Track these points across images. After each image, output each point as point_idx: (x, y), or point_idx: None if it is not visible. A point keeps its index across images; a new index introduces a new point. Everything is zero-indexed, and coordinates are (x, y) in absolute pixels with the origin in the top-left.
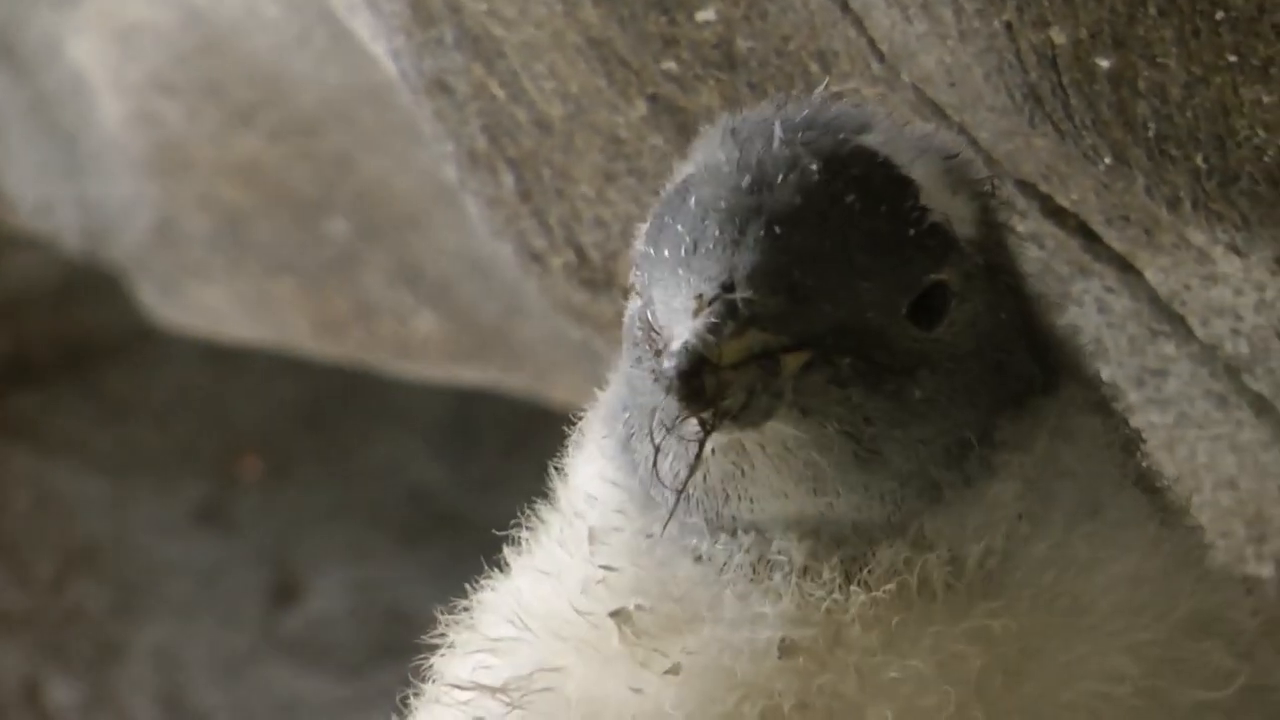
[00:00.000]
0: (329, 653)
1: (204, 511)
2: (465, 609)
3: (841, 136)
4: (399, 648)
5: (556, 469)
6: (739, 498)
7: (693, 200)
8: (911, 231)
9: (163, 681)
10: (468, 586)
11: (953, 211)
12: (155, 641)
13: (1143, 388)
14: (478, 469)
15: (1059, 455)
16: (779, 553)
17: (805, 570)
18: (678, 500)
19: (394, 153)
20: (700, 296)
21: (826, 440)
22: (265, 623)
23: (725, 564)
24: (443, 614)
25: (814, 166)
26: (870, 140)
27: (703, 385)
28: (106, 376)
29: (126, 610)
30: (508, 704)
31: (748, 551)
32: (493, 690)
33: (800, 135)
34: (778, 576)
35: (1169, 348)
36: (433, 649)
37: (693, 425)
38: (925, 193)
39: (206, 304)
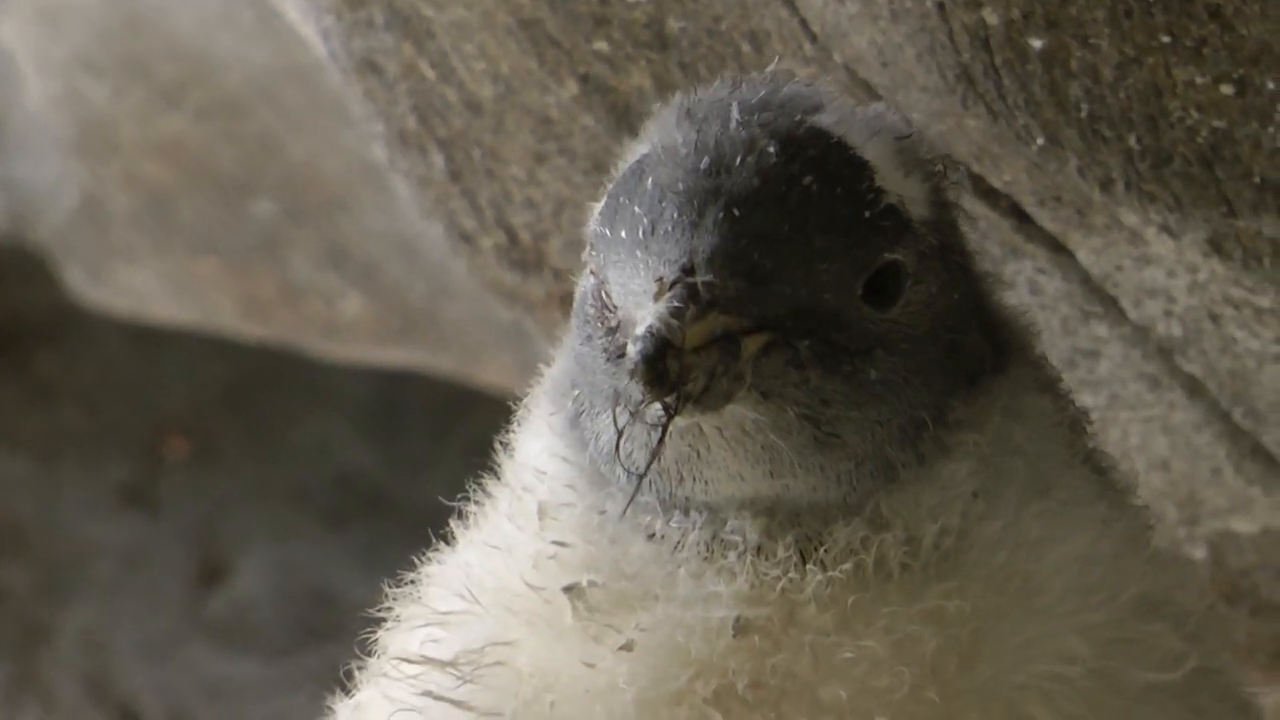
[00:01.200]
0: (255, 634)
1: (129, 493)
2: (411, 583)
3: (798, 118)
4: (325, 629)
5: (501, 444)
6: (694, 479)
7: (649, 181)
8: (867, 213)
9: (88, 663)
10: (395, 567)
11: (906, 192)
12: (81, 623)
13: (1075, 369)
14: (404, 451)
15: (1010, 434)
16: (733, 532)
17: (760, 549)
18: (639, 485)
19: (321, 133)
20: (661, 280)
21: (785, 424)
22: (191, 604)
23: (679, 542)
24: (388, 588)
25: (772, 148)
26: (823, 121)
27: (666, 369)
28: (32, 358)
29: (52, 592)
30: (458, 678)
31: (702, 530)
32: (443, 664)
33: (757, 116)
34: (732, 555)
35: (1101, 329)
36: (360, 630)
37: (656, 409)
38: (880, 174)
39: (132, 285)
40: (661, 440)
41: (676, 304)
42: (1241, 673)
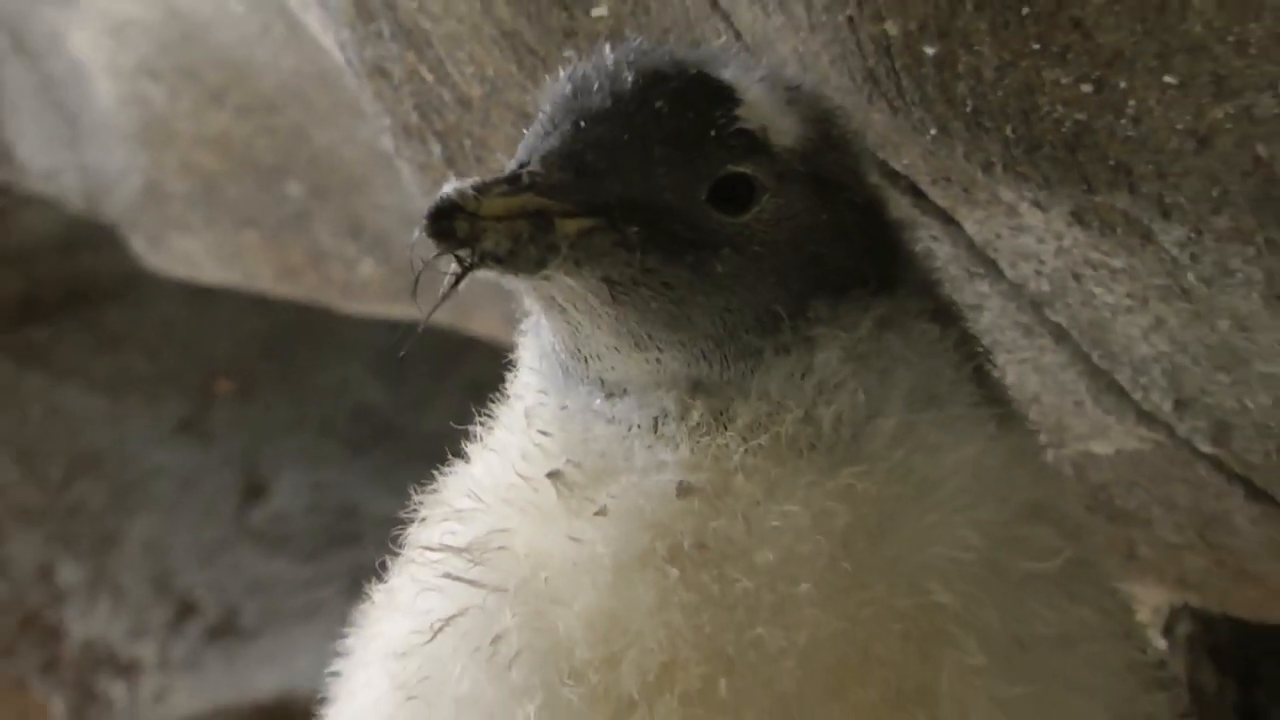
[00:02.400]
0: (289, 540)
1: (185, 424)
2: (434, 490)
3: (672, 57)
4: (347, 536)
5: (494, 365)
6: (593, 358)
7: (539, 114)
8: (713, 132)
9: (151, 565)
10: (403, 484)
11: (772, 123)
12: (145, 532)
13: (970, 322)
14: (410, 389)
15: (889, 344)
16: (660, 407)
17: (683, 418)
18: (424, 321)
19: (340, 127)
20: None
21: (610, 292)
22: (236, 516)
23: (629, 422)
24: (415, 494)
25: (628, 76)
26: (723, 71)
27: (453, 228)
28: (104, 313)
29: (121, 506)
30: (470, 561)
31: (641, 410)
32: (458, 551)
33: (630, 57)
34: (670, 426)
35: (984, 286)
36: (374, 535)
37: (450, 261)
38: (746, 106)
39: (186, 252)
40: (454, 286)
41: (484, 181)
42: (1108, 565)
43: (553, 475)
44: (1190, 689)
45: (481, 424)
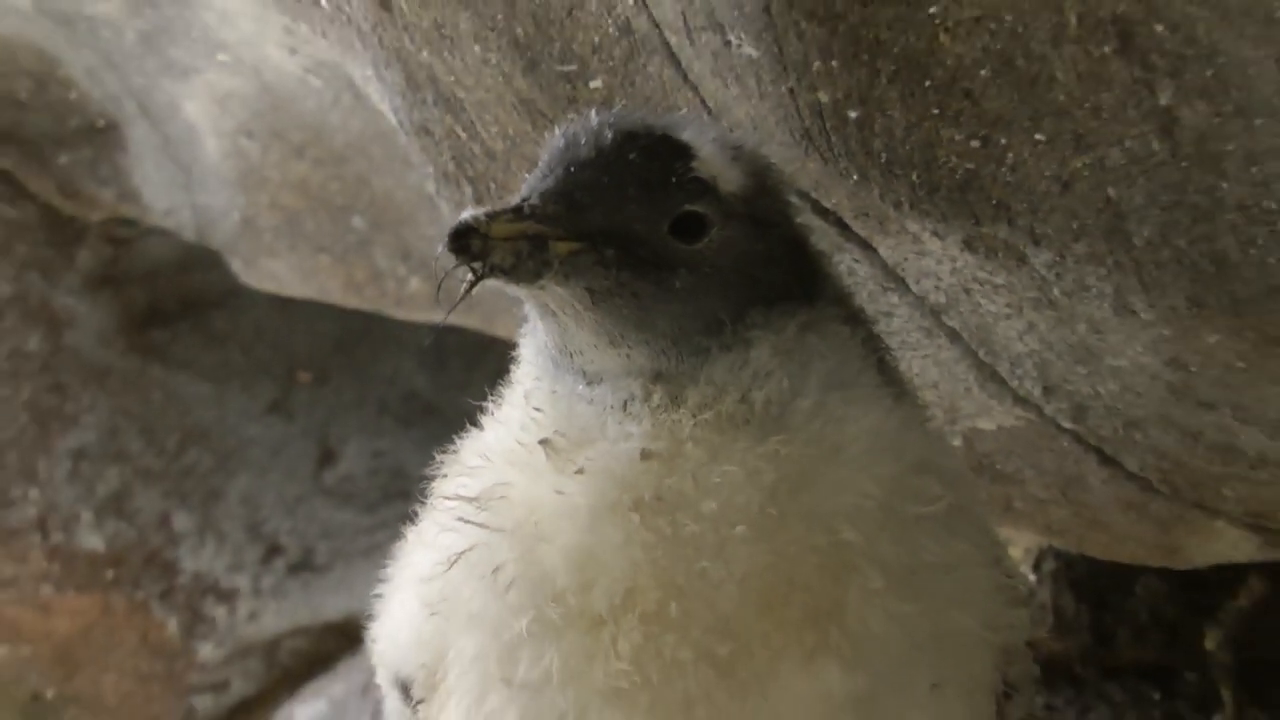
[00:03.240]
0: (354, 496)
1: (273, 406)
2: (453, 453)
3: (644, 121)
4: (398, 493)
5: (512, 359)
6: (578, 353)
7: (540, 161)
8: (674, 179)
9: (247, 515)
10: (442, 450)
11: (720, 174)
12: (241, 490)
13: (877, 325)
14: (448, 377)
15: (808, 342)
16: (628, 391)
17: (646, 401)
18: (445, 315)
19: (395, 174)
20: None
21: (591, 300)
22: (313, 477)
23: (604, 403)
24: (439, 456)
25: (609, 134)
26: (681, 132)
27: (468, 245)
28: (210, 319)
29: (223, 469)
30: (479, 508)
31: (614, 393)
32: (470, 500)
33: (611, 119)
34: (636, 406)
35: (894, 298)
36: (419, 492)
37: (466, 271)
38: (700, 160)
39: (273, 272)
40: (467, 292)
41: (494, 210)
42: (986, 512)
43: (544, 442)
44: (1054, 612)
45: (493, 402)
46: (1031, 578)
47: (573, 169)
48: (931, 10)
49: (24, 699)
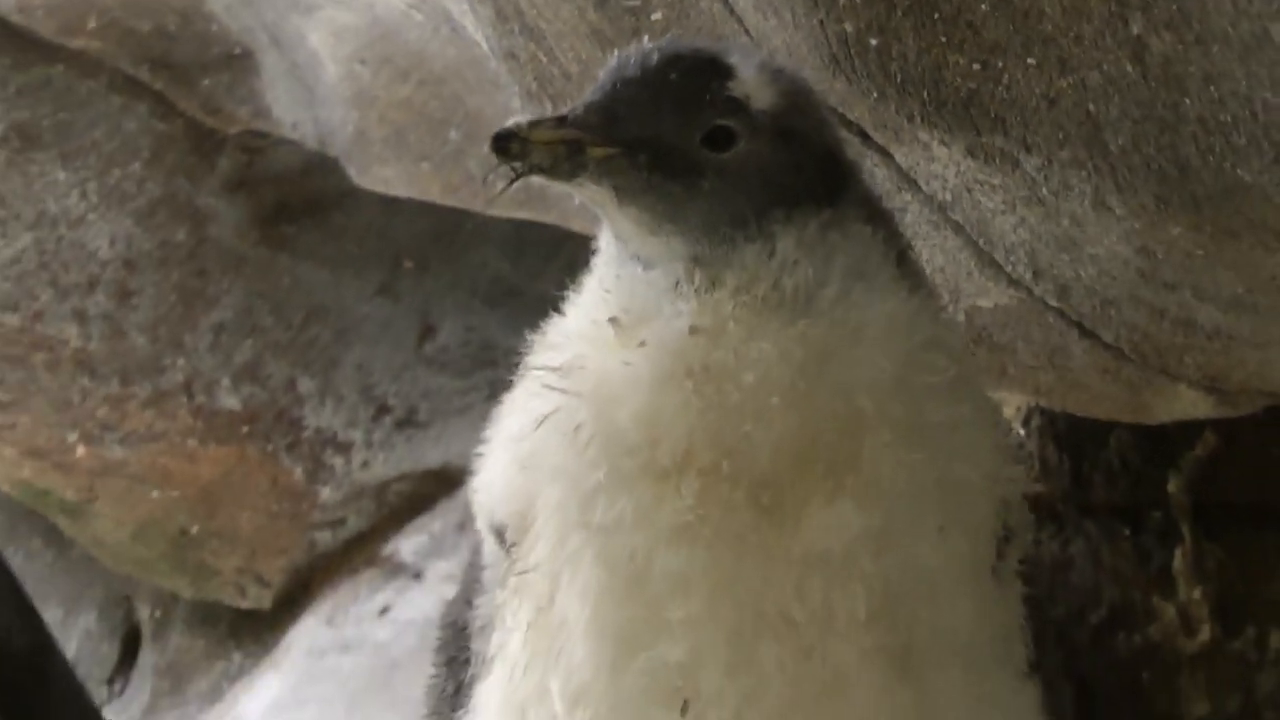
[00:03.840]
0: (449, 365)
1: (382, 288)
2: (543, 331)
3: (692, 46)
4: (486, 362)
5: (585, 251)
6: (628, 240)
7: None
8: (709, 97)
9: (360, 380)
10: (527, 329)
11: (754, 94)
12: (356, 359)
13: (898, 224)
14: (528, 265)
15: (830, 238)
16: (676, 275)
17: (691, 281)
18: (504, 189)
19: (485, 93)
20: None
21: (619, 198)
22: (415, 349)
23: (658, 285)
24: (531, 335)
25: (655, 57)
26: (728, 55)
27: (508, 147)
28: (329, 215)
29: (340, 342)
30: (561, 376)
31: (666, 277)
32: (554, 369)
33: (660, 43)
34: (684, 288)
35: (908, 197)
36: (506, 364)
37: (507, 169)
38: (737, 81)
39: (383, 177)
40: (510, 184)
41: (538, 119)
42: (984, 381)
43: (612, 320)
44: (1039, 460)
45: (573, 288)
46: (1021, 432)
47: (618, 86)
48: None
49: (174, 534)
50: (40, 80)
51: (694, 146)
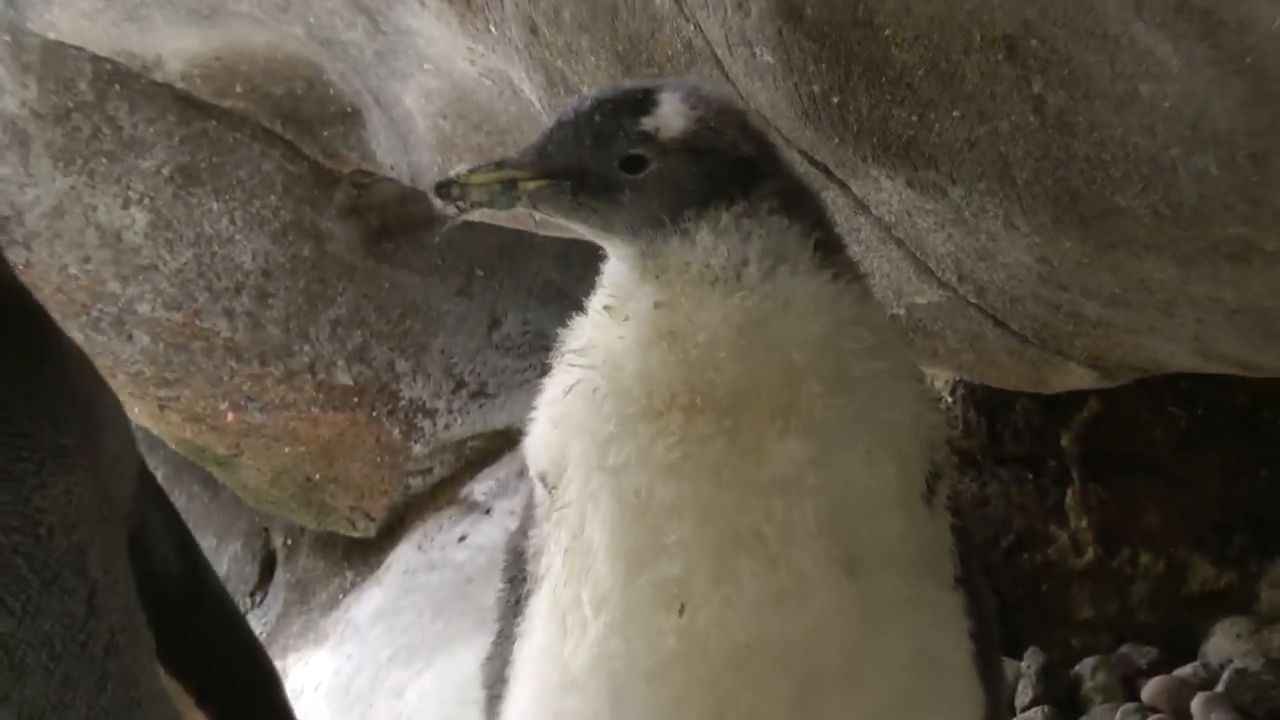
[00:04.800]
0: (513, 350)
1: (460, 290)
2: (572, 328)
3: (622, 88)
4: (541, 348)
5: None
6: (601, 243)
7: None
8: (622, 132)
9: (443, 362)
10: (567, 325)
11: (666, 124)
12: (440, 345)
13: (848, 239)
14: (574, 271)
15: (743, 225)
16: (638, 264)
17: (645, 268)
18: (449, 225)
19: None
20: None
21: (564, 214)
22: (486, 336)
23: (631, 273)
24: (560, 330)
25: (587, 103)
26: (658, 93)
27: (448, 191)
28: (420, 234)
29: (428, 331)
30: (580, 354)
31: (631, 267)
32: (575, 350)
33: (593, 91)
34: (647, 274)
35: (862, 220)
36: (559, 347)
37: (452, 209)
38: (652, 115)
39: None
40: (454, 220)
41: (476, 166)
42: (908, 352)
43: (607, 307)
44: (963, 421)
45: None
46: (949, 399)
47: (554, 128)
48: (886, 32)
49: (301, 480)
50: (199, 132)
51: (613, 171)
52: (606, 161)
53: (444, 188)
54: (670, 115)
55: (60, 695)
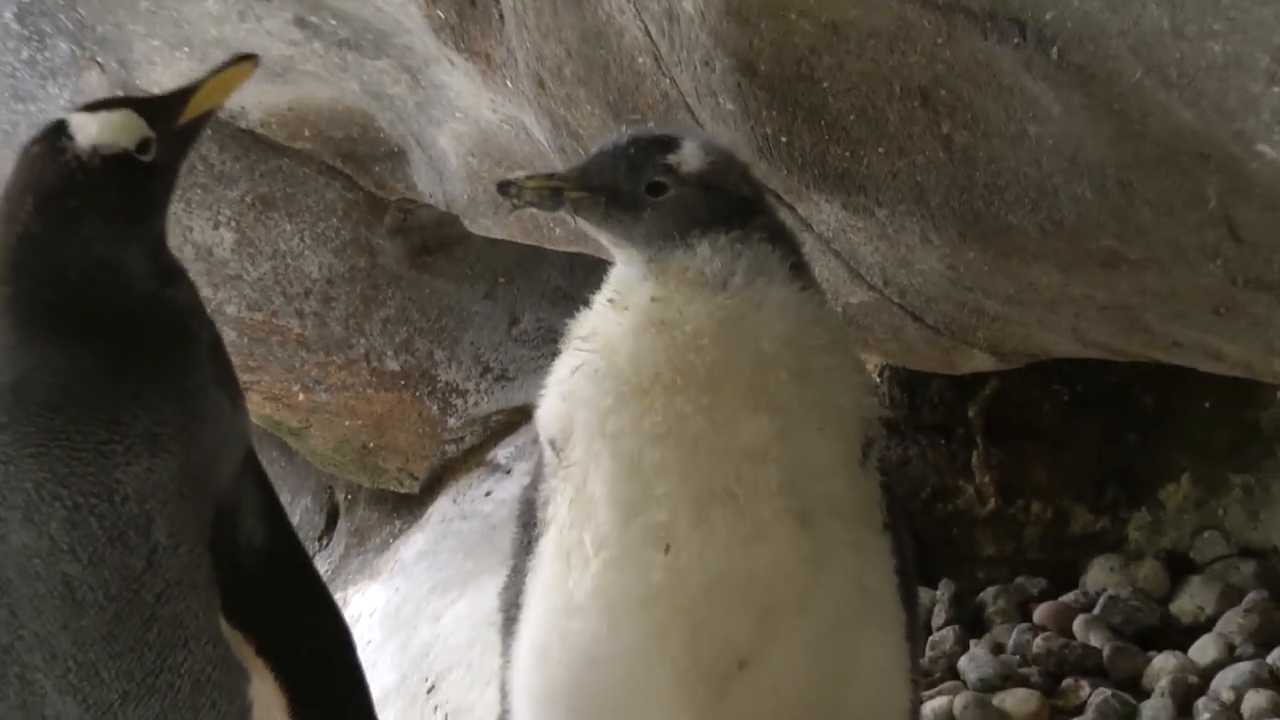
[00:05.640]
0: (529, 342)
1: (486, 294)
2: (579, 319)
3: (653, 131)
4: (552, 340)
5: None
6: (613, 249)
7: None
8: (651, 164)
9: (471, 351)
10: (571, 316)
11: (685, 161)
12: (470, 338)
13: (801, 248)
14: (579, 279)
15: (735, 247)
16: (642, 266)
17: (648, 270)
18: (510, 212)
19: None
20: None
21: (595, 222)
22: (507, 331)
23: (634, 273)
24: (568, 322)
25: (625, 139)
26: (684, 139)
27: (507, 189)
28: (453, 250)
29: (461, 328)
30: (585, 340)
31: (635, 268)
32: (581, 336)
33: (630, 130)
34: (649, 274)
35: (806, 235)
36: (569, 336)
37: (508, 204)
38: (675, 155)
39: (486, 225)
40: (511, 212)
41: (533, 174)
42: (854, 351)
43: (610, 300)
44: (889, 398)
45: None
46: (878, 379)
47: (597, 155)
48: (824, 84)
49: (359, 447)
50: (275, 167)
51: (640, 193)
52: (635, 184)
53: (505, 186)
54: (690, 155)
55: (110, 628)
